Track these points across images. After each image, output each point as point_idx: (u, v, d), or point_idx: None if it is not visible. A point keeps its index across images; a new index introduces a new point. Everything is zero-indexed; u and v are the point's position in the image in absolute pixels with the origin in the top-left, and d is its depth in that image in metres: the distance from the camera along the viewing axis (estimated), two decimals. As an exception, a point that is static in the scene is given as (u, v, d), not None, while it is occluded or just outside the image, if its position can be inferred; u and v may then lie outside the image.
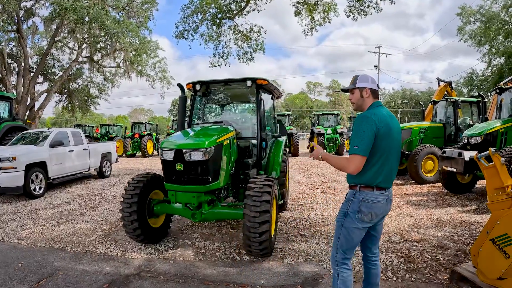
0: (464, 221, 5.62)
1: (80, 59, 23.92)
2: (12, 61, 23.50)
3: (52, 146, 9.54)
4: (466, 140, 7.33)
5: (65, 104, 28.87)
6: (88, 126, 29.16)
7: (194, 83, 5.62)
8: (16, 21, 19.24)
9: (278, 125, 6.80)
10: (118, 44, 19.46)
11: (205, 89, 5.85)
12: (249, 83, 5.23)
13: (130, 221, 4.39)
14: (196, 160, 4.07)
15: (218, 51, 14.55)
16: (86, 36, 17.59)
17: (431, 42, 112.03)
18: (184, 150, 4.07)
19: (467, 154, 6.57)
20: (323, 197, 7.92)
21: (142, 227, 4.47)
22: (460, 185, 7.91)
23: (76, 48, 23.27)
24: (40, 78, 27.10)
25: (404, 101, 64.36)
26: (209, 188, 4.21)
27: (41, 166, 8.94)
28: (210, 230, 5.51)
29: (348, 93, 2.75)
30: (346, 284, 2.59)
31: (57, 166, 9.64)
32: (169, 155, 4.16)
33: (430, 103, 12.62)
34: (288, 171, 7.17)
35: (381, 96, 69.61)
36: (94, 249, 4.72)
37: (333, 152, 19.56)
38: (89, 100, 28.40)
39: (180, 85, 5.48)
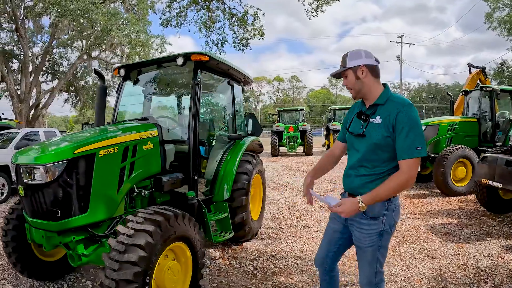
0: (515, 271, 3.60)
1: (85, 57, 22.99)
2: (16, 61, 22.98)
3: (17, 148, 8.77)
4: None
5: (73, 102, 28.37)
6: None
7: (119, 68, 4.28)
8: (14, 20, 18.42)
9: (250, 121, 5.13)
10: (115, 38, 18.12)
11: (136, 75, 4.34)
12: (180, 60, 3.67)
13: (8, 254, 3.34)
14: (37, 183, 2.69)
15: (212, 39, 12.84)
16: (74, 30, 16.36)
17: (454, 36, 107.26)
18: (21, 167, 2.77)
19: (519, 163, 4.52)
20: (316, 216, 6.04)
21: (25, 261, 3.36)
22: (502, 202, 5.81)
23: (75, 45, 22.26)
24: (49, 77, 26.84)
25: (429, 96, 60.46)
26: (63, 227, 2.76)
27: (4, 170, 8.21)
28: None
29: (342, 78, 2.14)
30: None
31: (24, 169, 8.92)
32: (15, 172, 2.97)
33: (461, 94, 10.32)
34: (264, 187, 5.32)
35: (405, 92, 66.18)
36: (-10, 278, 3.72)
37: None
38: (98, 97, 27.54)
39: (97, 72, 4.07)
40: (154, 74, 4.50)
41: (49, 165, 2.64)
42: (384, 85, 2.08)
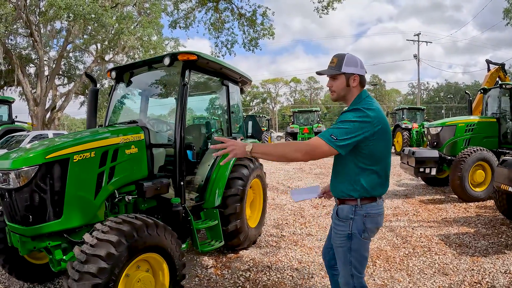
0: (537, 290, 3.21)
1: (100, 60, 23.26)
2: (32, 65, 23.51)
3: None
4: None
5: (89, 105, 28.77)
6: (110, 126, 28.96)
7: (111, 70, 4.19)
8: (29, 25, 18.76)
9: (250, 122, 4.91)
10: (128, 41, 18.24)
11: (128, 77, 4.26)
12: (166, 60, 3.52)
13: None
14: (10, 187, 2.66)
15: (221, 40, 12.67)
16: (87, 34, 16.57)
17: (471, 34, 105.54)
18: None
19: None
20: (322, 223, 5.72)
21: (13, 263, 3.33)
22: (524, 210, 5.37)
23: (90, 49, 22.55)
24: (65, 80, 27.41)
25: (448, 96, 58.62)
26: (36, 232, 2.70)
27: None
28: None
29: (323, 75, 2.15)
30: None
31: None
32: None
33: (479, 92, 9.77)
34: (265, 192, 5.02)
35: (424, 91, 64.52)
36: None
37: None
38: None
39: (88, 75, 4.14)
40: (147, 76, 4.35)
41: (20, 170, 2.61)
42: (362, 94, 2.13)
